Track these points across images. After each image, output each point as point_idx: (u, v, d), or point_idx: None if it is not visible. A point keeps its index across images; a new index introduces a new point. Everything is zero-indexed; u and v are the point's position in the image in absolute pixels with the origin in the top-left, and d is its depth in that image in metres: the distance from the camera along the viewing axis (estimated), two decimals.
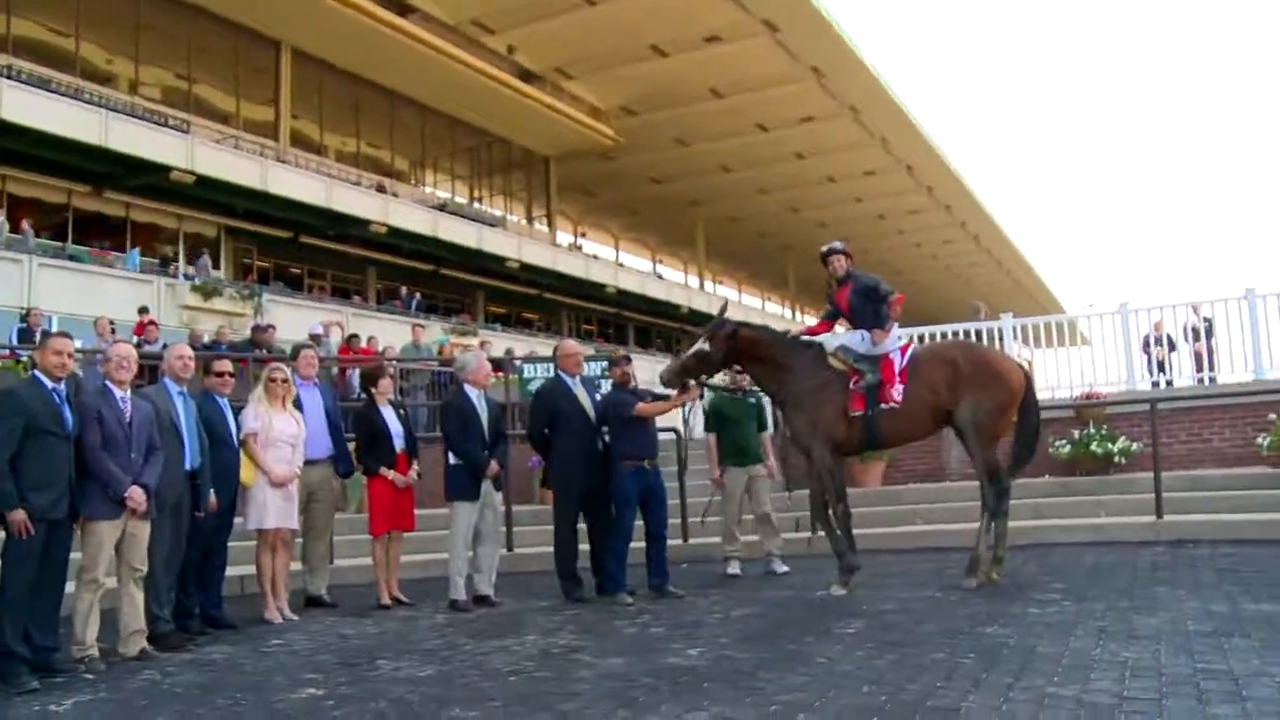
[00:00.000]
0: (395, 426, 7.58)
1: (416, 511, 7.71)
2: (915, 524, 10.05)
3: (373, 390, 7.71)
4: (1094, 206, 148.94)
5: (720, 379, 8.20)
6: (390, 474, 7.44)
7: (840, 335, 7.42)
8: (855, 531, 7.31)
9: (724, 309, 7.57)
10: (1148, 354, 12.68)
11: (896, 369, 7.08)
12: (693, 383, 7.43)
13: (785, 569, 8.29)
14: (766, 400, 8.29)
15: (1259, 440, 10.08)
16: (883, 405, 7.01)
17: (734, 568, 8.42)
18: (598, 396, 7.70)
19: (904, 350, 7.22)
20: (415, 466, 7.58)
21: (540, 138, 39.43)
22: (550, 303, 41.67)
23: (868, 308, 7.20)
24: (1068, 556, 8.18)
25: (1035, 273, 63.10)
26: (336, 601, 7.55)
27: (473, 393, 7.44)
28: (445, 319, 31.70)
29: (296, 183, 28.44)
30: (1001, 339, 12.73)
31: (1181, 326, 12.53)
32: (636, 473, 7.25)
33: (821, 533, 7.72)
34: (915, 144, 41.97)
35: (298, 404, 7.35)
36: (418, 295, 31.32)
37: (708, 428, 8.76)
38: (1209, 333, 12.24)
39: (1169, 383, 12.56)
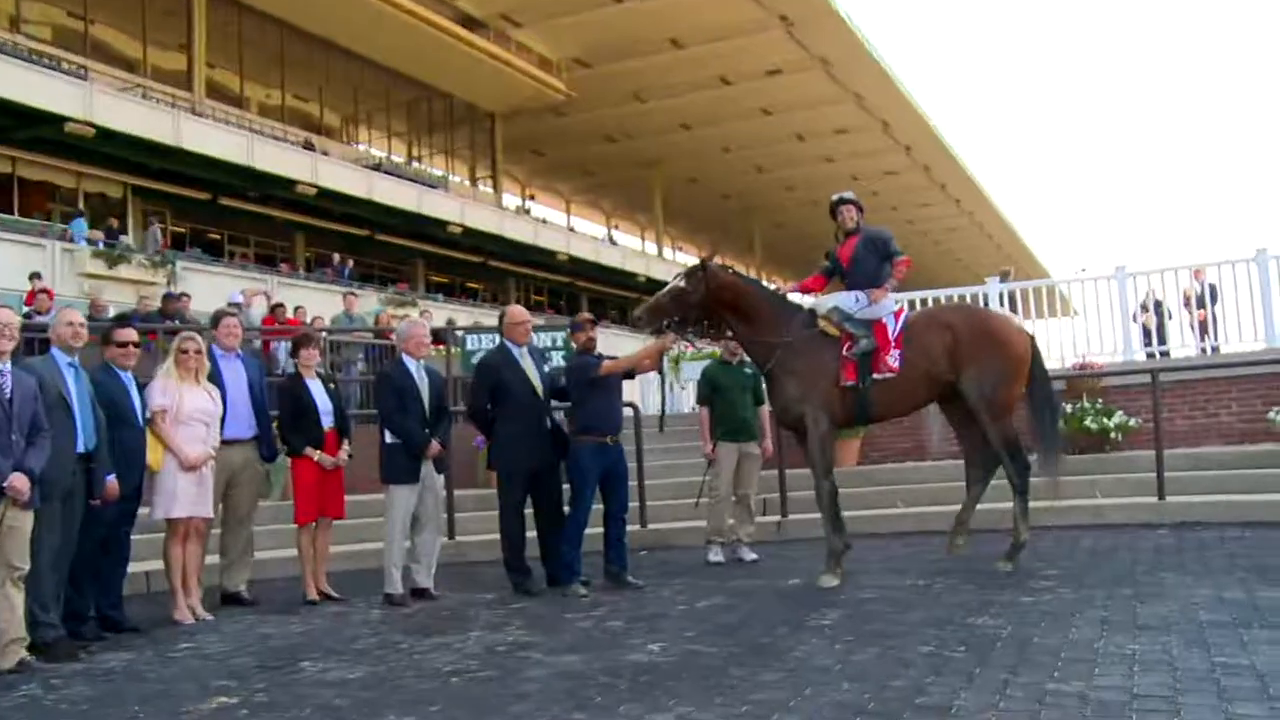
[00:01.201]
0: (323, 402, 7.42)
1: (347, 497, 7.57)
2: (895, 506, 10.03)
3: (297, 362, 7.57)
4: (1083, 170, 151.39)
5: (715, 348, 8.10)
6: (316, 454, 7.27)
7: (832, 296, 7.24)
8: None
9: (710, 255, 7.38)
10: (1141, 323, 12.74)
11: (891, 334, 6.97)
12: (671, 333, 7.22)
13: (754, 556, 8.26)
14: None
15: (1271, 415, 10.06)
16: (876, 375, 6.90)
17: (716, 554, 8.31)
18: (547, 368, 7.54)
19: (897, 315, 7.11)
20: (346, 446, 7.42)
21: (485, 91, 39.11)
22: (496, 271, 41.41)
23: (870, 263, 7.13)
24: (1061, 541, 8.16)
25: (1020, 238, 63.80)
26: (257, 598, 7.36)
27: (411, 364, 7.32)
28: (382, 288, 31.42)
29: (214, 138, 27.83)
30: (987, 304, 12.71)
31: (1183, 293, 12.58)
32: (599, 449, 7.08)
33: (796, 517, 7.61)
34: (891, 99, 42.08)
35: (217, 379, 7.14)
36: (350, 263, 30.94)
37: (700, 399, 8.73)
38: (1212, 298, 12.28)
39: (1165, 353, 12.62)
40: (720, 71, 39.44)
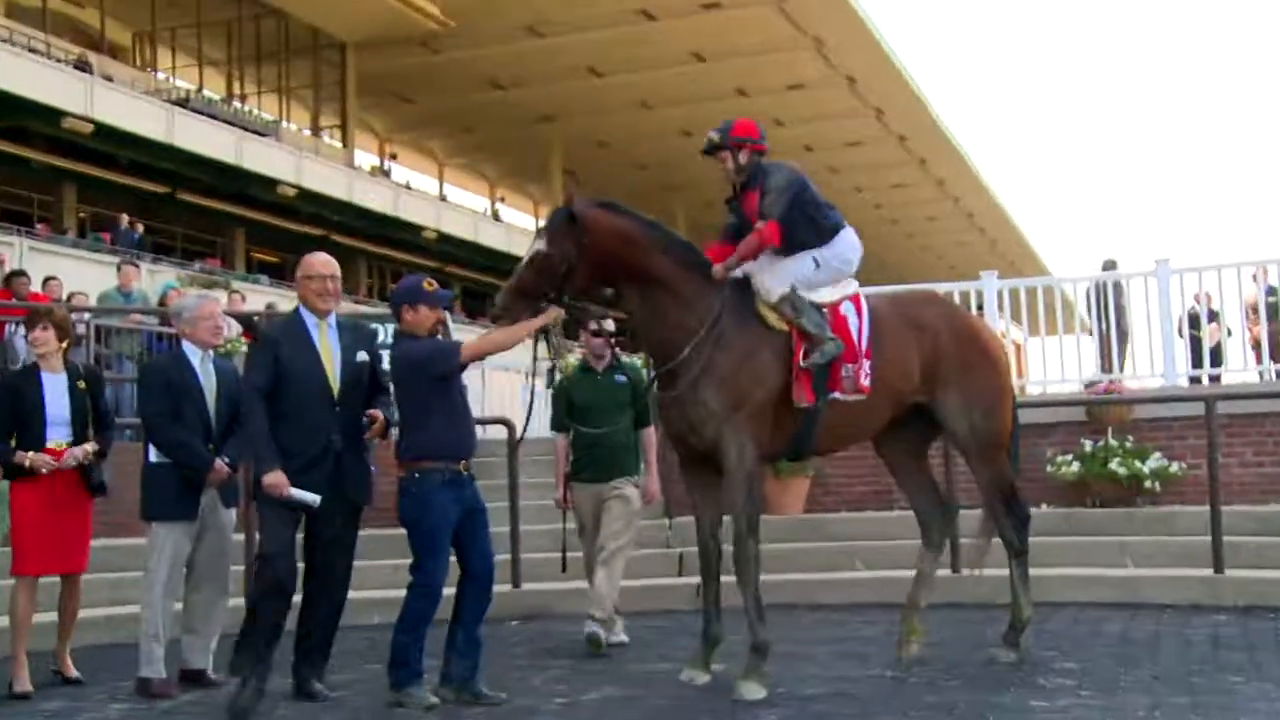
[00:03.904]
0: (56, 406, 7.05)
1: (101, 540, 7.43)
2: (852, 569, 10.00)
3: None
4: (1096, 167, 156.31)
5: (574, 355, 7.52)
6: (30, 457, 6.82)
7: (781, 265, 6.61)
8: (763, 577, 6.69)
9: (570, 185, 6.90)
10: (1194, 335, 12.70)
11: (858, 336, 6.49)
12: (554, 308, 6.47)
13: (622, 638, 7.96)
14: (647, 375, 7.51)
15: None
16: (840, 395, 6.43)
17: (597, 627, 7.77)
18: (361, 356, 6.62)
19: (856, 302, 6.64)
20: (87, 447, 7.02)
21: (334, 13, 38.54)
22: (342, 249, 40.50)
23: (796, 216, 6.53)
24: (1081, 623, 8.11)
25: (1024, 237, 65.22)
26: None
27: (194, 354, 7.05)
28: (185, 264, 30.74)
29: None
30: (982, 306, 12.62)
31: (1246, 303, 12.59)
32: (452, 482, 6.39)
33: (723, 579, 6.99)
34: (861, 48, 42.24)
35: None
36: (140, 228, 29.96)
37: (554, 423, 8.17)
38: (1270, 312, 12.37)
39: (1215, 377, 12.58)
40: (640, 0, 39.21)
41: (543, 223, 6.77)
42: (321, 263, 6.67)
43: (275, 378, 6.33)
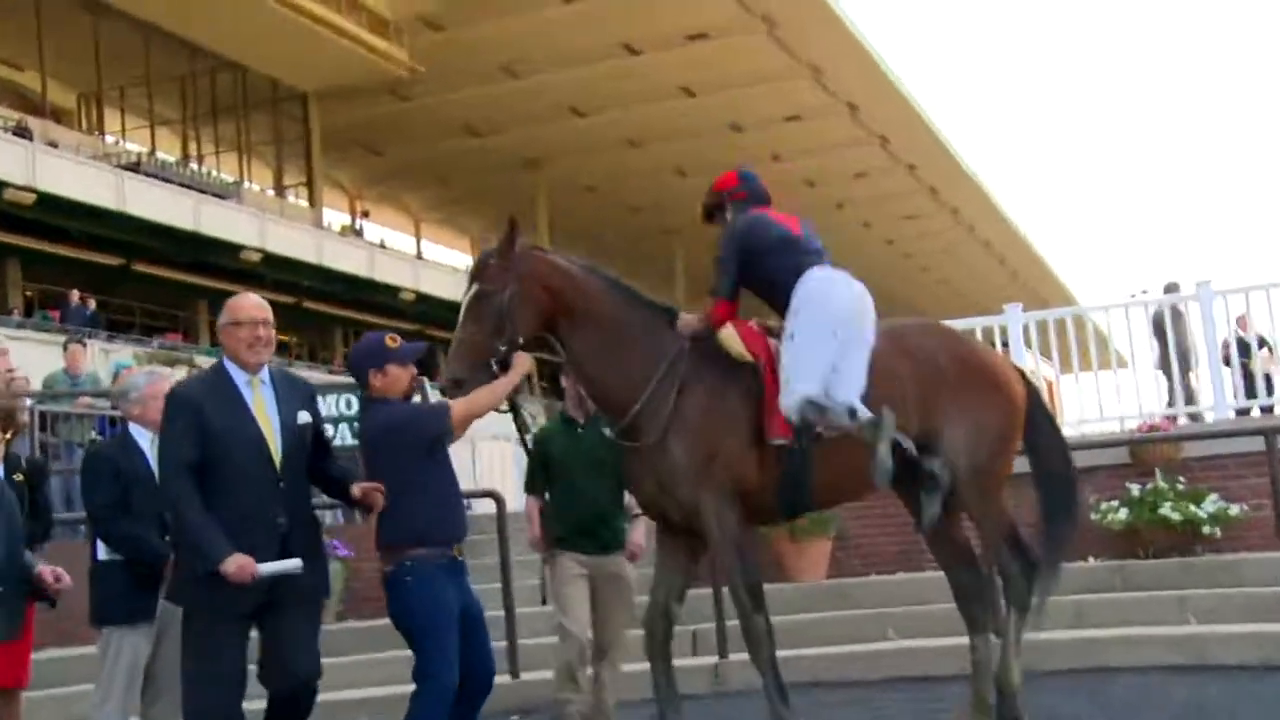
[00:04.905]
0: None
1: (50, 651, 7.35)
2: (883, 639, 9.82)
3: None
4: (1118, 188, 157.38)
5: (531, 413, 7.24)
6: None
7: (792, 349, 6.27)
8: (783, 652, 6.54)
9: (513, 229, 6.42)
10: (1239, 362, 12.66)
11: None
12: (525, 355, 6.26)
13: None
14: None
15: None
16: (821, 430, 6.16)
17: None
18: (304, 416, 6.04)
19: None
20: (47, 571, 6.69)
21: (294, 63, 38.84)
22: (314, 316, 40.70)
23: (753, 277, 6.37)
24: (1140, 689, 7.93)
25: (1048, 266, 65.43)
26: None
27: (144, 437, 6.85)
28: (144, 339, 30.71)
29: None
30: (1006, 341, 12.53)
31: None
32: (448, 568, 6.06)
33: (742, 657, 6.75)
34: (861, 72, 42.45)
35: None
36: (92, 304, 29.87)
37: (529, 485, 7.72)
38: None
39: (1266, 409, 12.57)
40: (621, 33, 39.45)
41: (471, 266, 6.49)
42: (254, 305, 6.03)
43: (201, 450, 5.65)
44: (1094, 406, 12.84)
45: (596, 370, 6.38)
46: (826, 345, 6.02)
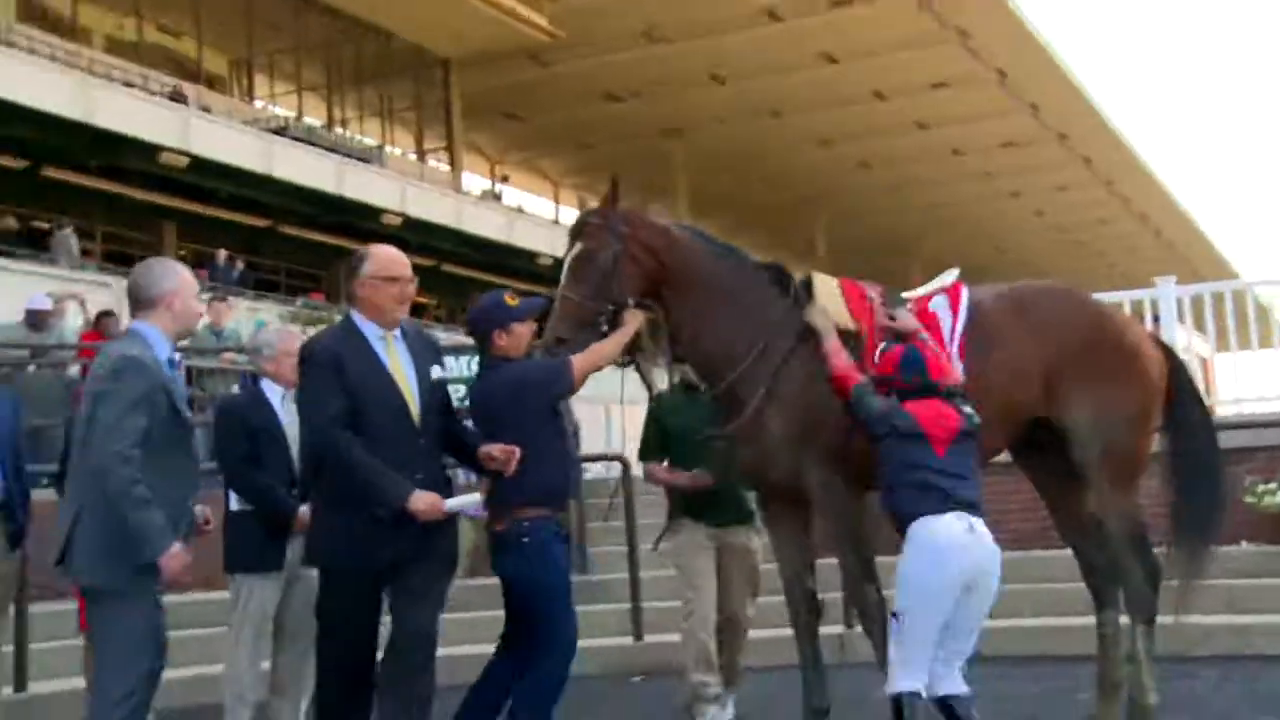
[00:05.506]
0: None
1: (186, 596, 7.75)
2: (1021, 617, 9.66)
3: None
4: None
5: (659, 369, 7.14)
6: None
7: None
8: None
9: (614, 185, 6.32)
10: None
11: (947, 333, 6.11)
12: (640, 311, 6.12)
13: (731, 715, 7.48)
14: None
15: None
16: None
17: (725, 712, 7.42)
18: (437, 371, 5.99)
19: (953, 295, 6.28)
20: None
21: (437, 29, 38.99)
22: (452, 279, 41.03)
23: None
24: None
25: (1208, 239, 63.87)
26: None
27: (274, 393, 7.10)
28: (288, 299, 31.21)
29: (27, 78, 27.17)
30: (1158, 323, 12.15)
31: None
32: (558, 532, 6.02)
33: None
34: (1011, 38, 41.56)
35: None
36: (239, 264, 30.51)
37: (643, 453, 7.62)
38: None
39: None
40: None
41: (572, 225, 6.39)
42: (405, 262, 6.02)
43: (344, 405, 5.57)
44: (1253, 386, 12.47)
45: (696, 335, 6.23)
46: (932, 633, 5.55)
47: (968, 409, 5.59)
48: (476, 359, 6.43)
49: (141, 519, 5.07)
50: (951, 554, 5.35)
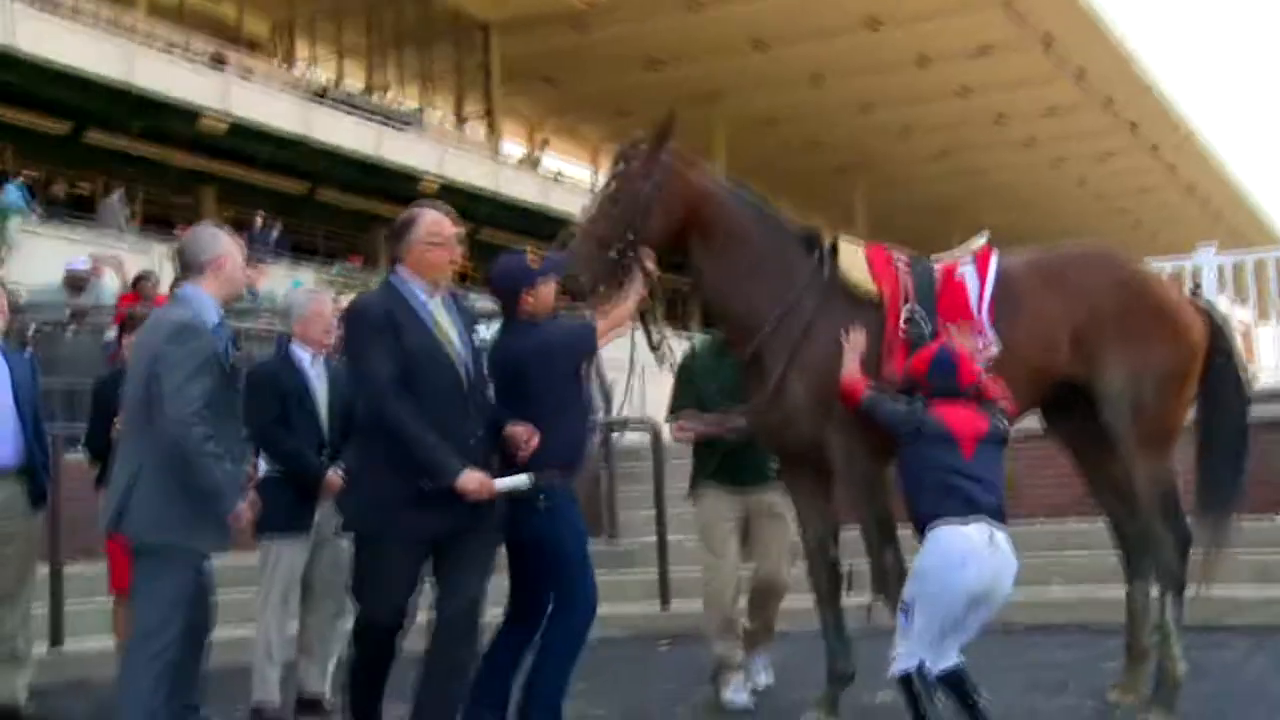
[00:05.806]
0: None
1: (223, 559, 6.99)
2: (1049, 584, 9.61)
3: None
4: None
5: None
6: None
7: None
8: None
9: (666, 125, 6.29)
10: None
11: (975, 301, 6.03)
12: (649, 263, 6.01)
13: (766, 681, 7.42)
14: None
15: None
16: None
17: (735, 689, 7.20)
18: (480, 336, 5.93)
19: (982, 261, 6.18)
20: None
21: None
22: (488, 246, 40.91)
23: None
24: None
25: (1258, 208, 63.24)
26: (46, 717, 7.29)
27: (304, 356, 7.14)
28: (326, 264, 31.22)
29: (71, 43, 27.32)
30: (1197, 284, 12.11)
31: None
32: (574, 495, 5.96)
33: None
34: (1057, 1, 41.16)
35: None
36: (277, 227, 30.58)
37: (674, 405, 7.34)
38: None
39: None
40: None
41: (614, 156, 6.35)
42: (441, 221, 5.72)
43: (399, 367, 5.41)
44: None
45: (722, 293, 6.15)
46: (936, 632, 5.49)
47: (998, 415, 5.53)
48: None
49: (218, 476, 5.29)
50: (969, 566, 5.29)
